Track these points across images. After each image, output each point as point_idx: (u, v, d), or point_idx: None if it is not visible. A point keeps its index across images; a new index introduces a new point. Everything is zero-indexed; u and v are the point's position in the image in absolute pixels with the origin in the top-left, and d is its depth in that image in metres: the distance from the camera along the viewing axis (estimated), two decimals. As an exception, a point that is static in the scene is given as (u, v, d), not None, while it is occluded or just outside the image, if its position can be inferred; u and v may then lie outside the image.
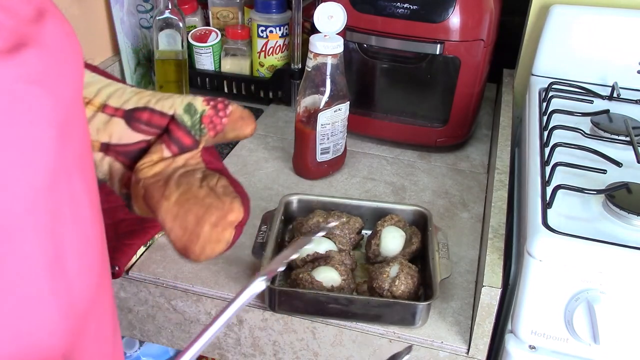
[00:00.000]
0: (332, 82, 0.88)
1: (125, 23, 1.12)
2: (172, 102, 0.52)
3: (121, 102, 0.51)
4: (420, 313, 0.68)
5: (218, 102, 0.53)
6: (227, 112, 0.53)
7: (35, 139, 0.34)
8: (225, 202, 0.51)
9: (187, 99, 0.52)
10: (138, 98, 0.52)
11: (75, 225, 0.40)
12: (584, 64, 0.99)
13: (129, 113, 0.51)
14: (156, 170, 0.52)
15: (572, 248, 0.60)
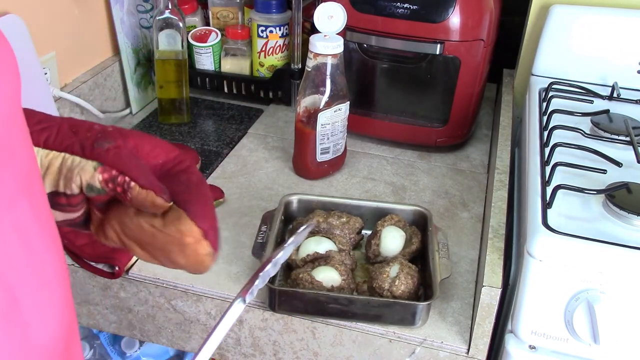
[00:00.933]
0: (332, 82, 0.88)
1: (125, 23, 1.12)
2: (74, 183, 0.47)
3: None
4: (420, 313, 0.68)
5: (117, 185, 0.46)
6: (131, 196, 0.47)
7: None
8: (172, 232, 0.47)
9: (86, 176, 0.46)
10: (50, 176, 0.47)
11: (26, 258, 0.36)
12: (584, 64, 0.99)
13: (50, 198, 0.47)
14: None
15: (572, 248, 0.60)
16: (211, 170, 0.97)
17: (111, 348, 1.00)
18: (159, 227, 0.47)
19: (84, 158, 0.46)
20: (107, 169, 0.46)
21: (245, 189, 0.92)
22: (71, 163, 0.46)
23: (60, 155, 0.47)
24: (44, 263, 0.38)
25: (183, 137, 1.06)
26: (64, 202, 0.47)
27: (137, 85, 1.16)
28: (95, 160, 0.46)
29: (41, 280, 0.38)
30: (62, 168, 0.46)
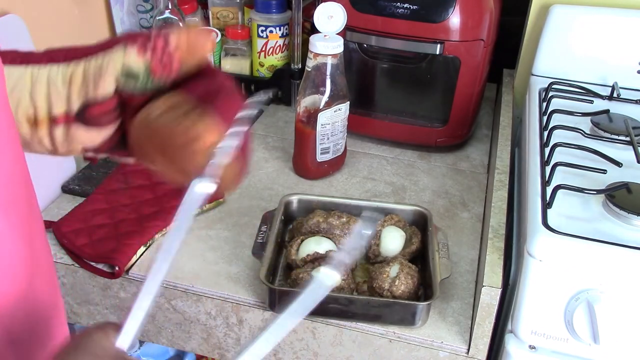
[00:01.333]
0: (332, 82, 0.88)
1: (125, 23, 1.12)
2: (109, 77, 0.44)
3: (64, 104, 0.45)
4: (420, 313, 0.68)
5: (156, 42, 0.44)
6: (172, 48, 0.44)
7: None
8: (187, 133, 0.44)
9: (119, 63, 0.44)
10: (75, 89, 0.45)
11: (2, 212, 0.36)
12: (584, 64, 0.99)
13: (81, 116, 0.45)
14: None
15: (572, 248, 0.60)
16: (211, 170, 0.97)
17: (111, 348, 0.99)
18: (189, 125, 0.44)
19: (106, 53, 0.44)
20: (134, 41, 0.44)
21: (245, 189, 0.92)
22: (95, 62, 0.44)
23: (80, 65, 0.45)
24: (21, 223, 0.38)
25: (183, 137, 1.05)
26: (97, 113, 0.45)
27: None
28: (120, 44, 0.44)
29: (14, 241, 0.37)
30: (87, 72, 0.44)
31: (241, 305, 0.72)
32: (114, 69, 0.44)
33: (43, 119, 0.45)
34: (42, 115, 0.45)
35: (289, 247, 0.75)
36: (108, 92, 0.44)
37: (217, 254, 0.79)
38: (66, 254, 0.78)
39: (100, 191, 0.87)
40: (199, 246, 0.80)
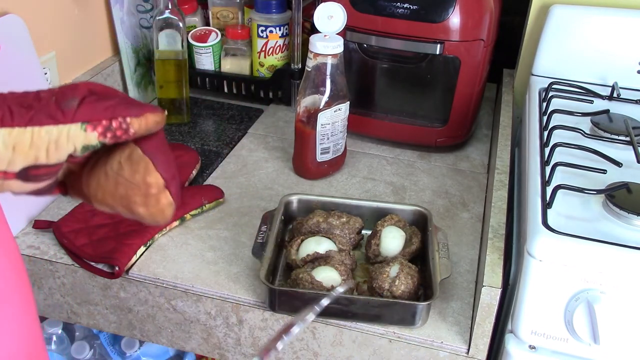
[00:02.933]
0: (332, 82, 0.88)
1: (125, 23, 1.12)
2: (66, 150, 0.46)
3: (4, 165, 0.45)
4: (420, 313, 0.68)
5: (117, 130, 0.47)
6: (131, 133, 0.47)
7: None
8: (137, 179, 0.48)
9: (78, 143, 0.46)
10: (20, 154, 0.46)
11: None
12: (584, 64, 0.99)
13: (22, 174, 0.46)
14: None
15: (572, 248, 0.60)
16: (211, 170, 0.97)
17: (111, 348, 1.00)
18: (127, 176, 0.48)
19: (59, 124, 0.45)
20: (95, 123, 0.46)
21: (245, 189, 0.92)
22: (48, 135, 0.45)
23: (28, 131, 0.45)
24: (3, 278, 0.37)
25: (183, 137, 1.06)
26: (42, 173, 0.47)
27: (137, 85, 1.16)
28: (78, 122, 0.45)
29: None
30: (37, 142, 0.45)
31: (241, 305, 0.72)
32: (71, 145, 0.46)
33: None
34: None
35: (289, 247, 0.75)
36: (61, 160, 0.46)
37: (217, 254, 0.79)
38: (66, 254, 0.78)
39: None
40: (199, 246, 0.80)
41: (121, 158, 0.49)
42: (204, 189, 0.89)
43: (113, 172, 0.49)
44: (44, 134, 0.45)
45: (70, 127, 0.45)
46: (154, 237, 0.80)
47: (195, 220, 0.85)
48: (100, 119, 0.46)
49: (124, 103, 0.48)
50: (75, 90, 0.47)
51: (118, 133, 0.46)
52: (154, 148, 0.49)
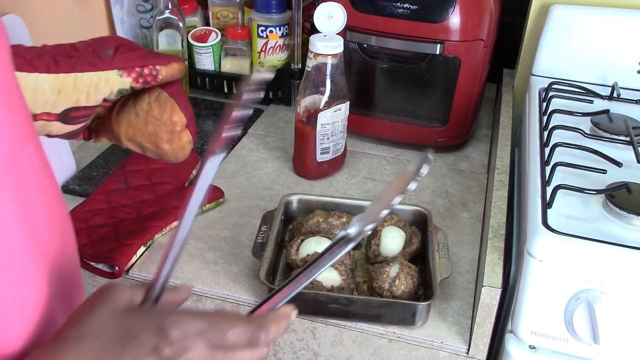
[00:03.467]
0: (332, 82, 0.88)
1: (125, 23, 1.12)
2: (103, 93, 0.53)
3: (49, 107, 0.52)
4: (420, 313, 0.68)
5: (148, 76, 0.55)
6: (159, 79, 0.56)
7: None
8: (165, 118, 0.57)
9: (116, 85, 0.54)
10: (64, 98, 0.52)
11: (37, 188, 0.41)
12: (584, 64, 0.99)
13: (64, 115, 0.52)
14: None
15: (572, 248, 0.60)
16: (211, 170, 0.97)
17: (111, 348, 0.99)
18: (156, 115, 0.57)
19: (99, 71, 0.53)
20: (129, 70, 0.53)
21: (245, 189, 0.92)
22: (89, 80, 0.52)
23: (71, 76, 0.52)
24: (48, 194, 0.43)
25: (183, 137, 1.06)
26: (80, 114, 0.54)
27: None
28: (115, 69, 0.53)
29: (48, 209, 0.43)
30: (80, 86, 0.52)
31: (241, 305, 0.72)
32: (109, 89, 0.53)
33: None
34: None
35: (289, 247, 0.75)
36: (98, 102, 0.54)
37: (217, 254, 0.79)
38: (66, 254, 0.78)
39: (100, 191, 0.87)
40: (199, 246, 0.80)
41: (150, 100, 0.57)
42: (204, 189, 0.89)
43: (143, 111, 0.57)
44: (86, 79, 0.52)
45: (108, 73, 0.53)
46: (154, 237, 0.80)
47: (195, 220, 0.85)
48: (134, 67, 0.54)
49: (151, 53, 0.56)
50: (107, 41, 0.55)
51: (148, 79, 0.54)
52: (177, 91, 0.57)
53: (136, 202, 0.85)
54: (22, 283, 0.39)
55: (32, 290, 0.40)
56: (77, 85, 0.52)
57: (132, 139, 0.59)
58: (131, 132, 0.59)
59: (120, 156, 0.97)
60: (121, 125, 0.59)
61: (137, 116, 0.58)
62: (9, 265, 0.38)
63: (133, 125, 0.58)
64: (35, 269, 0.40)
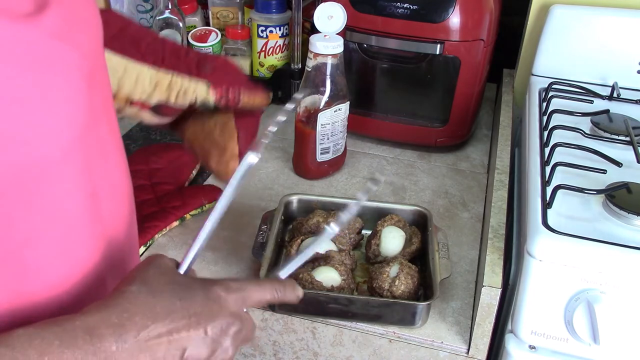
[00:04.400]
0: (332, 82, 0.88)
1: (125, 23, 1.11)
2: (189, 98, 0.59)
3: (145, 97, 0.58)
4: (420, 313, 0.68)
5: (230, 95, 0.60)
6: (240, 102, 0.60)
7: (69, 90, 0.37)
8: (221, 141, 0.63)
9: (202, 94, 0.59)
10: (158, 92, 0.58)
11: (104, 167, 0.44)
12: (584, 64, 0.99)
13: (155, 108, 0.59)
14: None
15: (572, 248, 0.60)
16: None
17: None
18: (215, 136, 0.63)
19: (193, 78, 0.59)
20: (218, 88, 0.59)
21: (245, 189, 0.92)
22: (182, 83, 0.59)
23: (168, 76, 0.58)
24: (115, 175, 0.47)
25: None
26: (167, 112, 0.61)
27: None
28: (205, 80, 0.59)
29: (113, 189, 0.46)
30: (173, 86, 0.59)
31: (241, 305, 0.72)
32: (194, 95, 0.59)
33: (122, 98, 0.58)
34: (122, 96, 0.58)
35: (289, 247, 0.75)
36: (184, 105, 0.60)
37: (217, 254, 0.79)
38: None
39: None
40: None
41: (217, 121, 0.63)
42: (204, 189, 0.89)
43: (208, 128, 0.63)
44: (179, 82, 0.59)
45: (199, 83, 0.59)
46: (154, 237, 0.80)
47: (195, 220, 0.85)
48: (222, 85, 0.60)
49: (244, 78, 0.62)
50: (215, 60, 0.61)
51: (231, 99, 0.60)
52: (245, 125, 0.63)
53: (136, 202, 0.85)
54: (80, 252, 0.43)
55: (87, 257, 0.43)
56: (171, 84, 0.58)
57: (192, 145, 0.65)
58: (192, 139, 0.65)
59: (120, 156, 0.97)
60: (188, 131, 0.65)
61: (202, 129, 0.64)
62: (68, 236, 0.41)
63: (196, 135, 0.64)
64: (93, 241, 0.44)
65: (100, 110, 0.42)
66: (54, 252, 0.40)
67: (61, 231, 0.40)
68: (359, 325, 0.69)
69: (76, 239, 0.42)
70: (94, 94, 0.40)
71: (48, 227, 0.39)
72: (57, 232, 0.40)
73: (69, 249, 0.42)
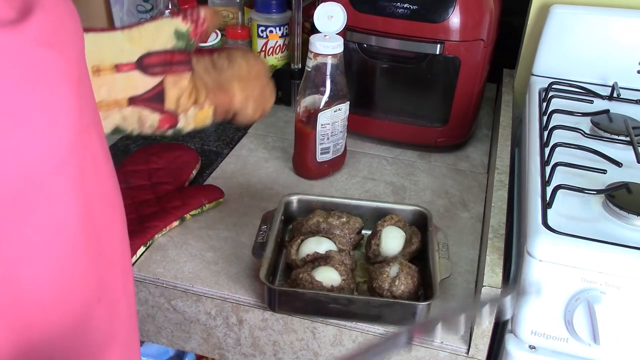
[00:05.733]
0: (332, 82, 0.88)
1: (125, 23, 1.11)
2: (164, 37, 0.63)
3: (127, 56, 0.61)
4: (420, 313, 0.68)
5: (192, 14, 0.65)
6: (202, 19, 0.65)
7: (60, 97, 0.36)
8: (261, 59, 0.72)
9: (171, 27, 0.64)
10: (136, 47, 0.62)
11: (97, 179, 0.43)
12: (584, 64, 0.99)
13: (140, 63, 0.61)
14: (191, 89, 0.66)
15: (572, 248, 0.60)
16: (211, 170, 0.97)
17: (111, 348, 1.00)
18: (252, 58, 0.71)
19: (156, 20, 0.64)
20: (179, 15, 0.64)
21: (245, 189, 0.92)
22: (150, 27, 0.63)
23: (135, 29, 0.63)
24: (108, 188, 0.45)
25: (183, 137, 1.06)
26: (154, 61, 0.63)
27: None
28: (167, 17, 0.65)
29: (106, 202, 0.45)
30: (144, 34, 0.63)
31: (241, 305, 0.72)
32: (167, 30, 0.63)
33: (107, 67, 0.60)
34: (107, 64, 0.60)
35: (289, 247, 0.75)
36: (164, 47, 0.63)
37: (217, 254, 0.79)
38: (66, 254, 0.78)
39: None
40: (199, 246, 0.80)
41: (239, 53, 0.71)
42: (204, 189, 0.89)
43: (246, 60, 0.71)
44: (148, 27, 0.63)
45: (163, 19, 0.64)
46: (154, 237, 0.80)
47: (195, 220, 0.85)
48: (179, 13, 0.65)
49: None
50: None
51: (194, 16, 0.64)
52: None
53: (136, 202, 0.85)
54: (76, 265, 0.41)
55: (83, 270, 0.42)
56: (142, 34, 0.62)
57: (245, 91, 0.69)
58: (243, 85, 0.68)
59: (120, 156, 0.97)
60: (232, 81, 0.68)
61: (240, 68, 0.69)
62: (64, 249, 0.39)
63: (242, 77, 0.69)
64: (89, 254, 0.42)
65: (89, 118, 0.41)
66: (50, 269, 0.39)
67: (58, 246, 0.39)
68: (359, 325, 0.69)
69: (72, 252, 0.41)
70: (82, 100, 0.39)
71: (44, 242, 0.38)
72: (54, 247, 0.39)
73: (66, 264, 0.40)
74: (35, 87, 0.34)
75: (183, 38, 0.64)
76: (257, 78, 0.70)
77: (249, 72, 0.69)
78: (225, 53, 0.69)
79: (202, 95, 0.67)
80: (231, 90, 0.68)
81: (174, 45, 0.64)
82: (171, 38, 0.63)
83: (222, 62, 0.69)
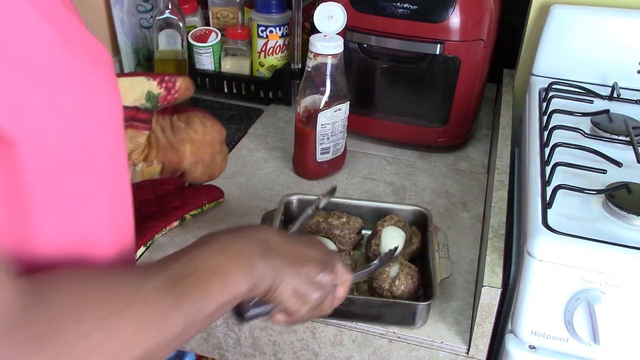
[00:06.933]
0: (332, 82, 0.88)
1: (125, 23, 1.12)
2: (136, 95, 0.65)
3: None
4: (420, 313, 0.68)
5: (169, 82, 0.68)
6: (176, 89, 0.68)
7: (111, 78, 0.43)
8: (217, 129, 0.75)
9: (145, 87, 0.66)
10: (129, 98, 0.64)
11: (118, 173, 0.49)
12: (584, 64, 0.99)
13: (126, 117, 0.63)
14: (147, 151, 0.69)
15: (572, 248, 0.60)
16: (211, 170, 0.97)
17: (111, 348, 0.99)
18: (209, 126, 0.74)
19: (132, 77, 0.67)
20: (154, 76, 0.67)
21: (245, 189, 0.92)
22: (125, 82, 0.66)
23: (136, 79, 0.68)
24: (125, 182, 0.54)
25: (183, 137, 1.06)
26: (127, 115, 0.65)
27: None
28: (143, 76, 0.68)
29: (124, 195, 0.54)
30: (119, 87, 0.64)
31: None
32: (140, 89, 0.66)
33: None
34: None
35: (289, 247, 0.74)
36: (134, 102, 0.65)
37: (217, 254, 0.79)
38: (66, 254, 0.78)
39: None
40: (199, 246, 0.80)
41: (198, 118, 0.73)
42: (204, 189, 0.89)
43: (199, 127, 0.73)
44: (122, 82, 0.65)
45: (139, 77, 0.67)
46: (154, 237, 0.80)
47: (195, 220, 0.85)
48: (157, 76, 0.68)
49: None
50: None
51: (169, 84, 0.68)
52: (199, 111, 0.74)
53: (136, 202, 0.85)
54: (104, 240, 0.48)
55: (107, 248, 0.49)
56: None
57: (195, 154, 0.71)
58: (195, 148, 0.71)
59: (120, 156, 0.97)
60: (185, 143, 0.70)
61: (196, 132, 0.71)
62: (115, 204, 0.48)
63: (195, 140, 0.71)
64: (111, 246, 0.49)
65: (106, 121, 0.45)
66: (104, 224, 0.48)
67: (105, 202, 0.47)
68: (359, 325, 0.69)
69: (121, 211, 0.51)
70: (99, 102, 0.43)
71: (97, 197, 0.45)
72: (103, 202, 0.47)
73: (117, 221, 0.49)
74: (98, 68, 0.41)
75: (153, 100, 0.66)
76: (210, 144, 0.73)
77: (203, 137, 0.72)
78: (185, 115, 0.72)
79: (153, 152, 0.68)
80: (182, 151, 0.70)
81: (142, 104, 0.66)
82: (142, 97, 0.65)
83: (180, 123, 0.71)
